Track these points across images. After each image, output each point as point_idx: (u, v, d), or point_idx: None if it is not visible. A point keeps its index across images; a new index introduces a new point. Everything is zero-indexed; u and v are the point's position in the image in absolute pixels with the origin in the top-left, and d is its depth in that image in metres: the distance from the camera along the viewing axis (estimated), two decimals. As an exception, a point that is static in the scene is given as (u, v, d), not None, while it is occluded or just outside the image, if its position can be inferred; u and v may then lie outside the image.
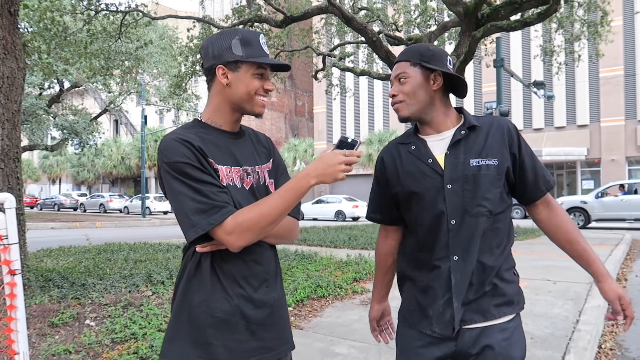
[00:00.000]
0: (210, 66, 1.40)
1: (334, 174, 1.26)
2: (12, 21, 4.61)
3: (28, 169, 49.08)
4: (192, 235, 1.26)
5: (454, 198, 1.47)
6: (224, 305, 1.32)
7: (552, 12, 10.88)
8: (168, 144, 1.31)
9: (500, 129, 1.51)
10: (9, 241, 1.89)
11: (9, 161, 4.49)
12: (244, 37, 1.39)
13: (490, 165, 1.47)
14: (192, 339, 1.32)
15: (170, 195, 1.31)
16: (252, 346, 1.35)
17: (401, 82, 1.53)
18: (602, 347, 3.95)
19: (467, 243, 1.46)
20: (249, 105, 1.41)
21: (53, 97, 22.11)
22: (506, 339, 1.46)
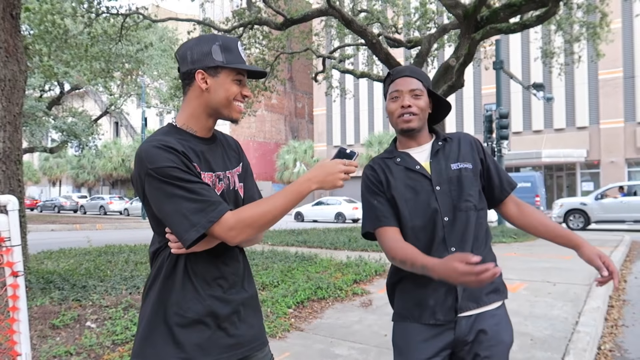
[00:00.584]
0: (188, 70, 1.41)
1: (334, 182, 1.33)
2: (14, 24, 4.63)
3: (28, 171, 49.10)
4: (194, 235, 1.27)
5: (444, 197, 1.64)
6: (197, 305, 1.36)
7: (551, 14, 10.92)
8: (150, 151, 1.31)
9: (467, 141, 1.75)
10: (11, 243, 1.91)
11: (10, 163, 4.51)
12: (224, 43, 1.40)
13: (467, 168, 1.68)
14: (167, 338, 1.35)
15: (161, 200, 1.30)
16: (225, 343, 1.39)
17: (417, 97, 1.68)
18: (602, 348, 3.96)
19: (462, 236, 1.62)
20: (226, 110, 1.43)
21: (53, 100, 22.13)
22: (497, 324, 1.62)
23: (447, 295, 1.59)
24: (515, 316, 4.51)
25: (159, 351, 1.34)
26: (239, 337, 1.42)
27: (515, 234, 11.80)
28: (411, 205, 1.65)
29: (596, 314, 4.54)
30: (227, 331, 1.40)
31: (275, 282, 5.61)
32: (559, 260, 8.04)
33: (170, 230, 1.33)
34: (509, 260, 8.09)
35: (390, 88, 1.74)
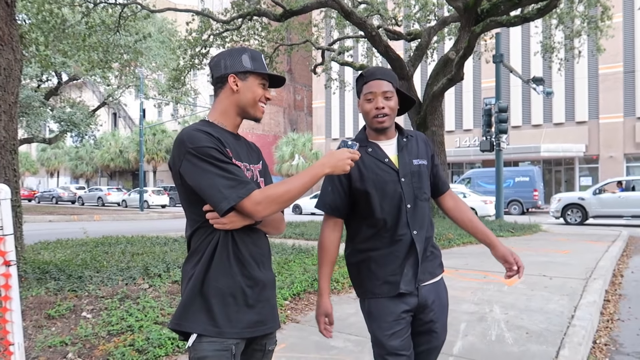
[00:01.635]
0: (221, 75, 1.67)
1: (343, 166, 1.60)
2: (9, 12, 4.58)
3: (26, 162, 49.00)
4: (225, 205, 1.47)
5: (407, 188, 1.92)
6: (229, 281, 1.56)
7: (552, 7, 10.86)
8: (190, 133, 1.54)
9: (423, 140, 2.05)
10: (4, 232, 1.89)
11: (5, 153, 4.48)
12: (252, 53, 1.69)
13: (424, 165, 1.98)
14: (202, 308, 1.54)
15: (199, 175, 1.50)
16: (250, 319, 1.59)
17: (388, 98, 1.91)
18: (597, 342, 3.97)
19: (421, 220, 1.93)
20: (252, 110, 1.69)
21: (51, 90, 22.03)
22: (443, 290, 2.02)
23: (408, 269, 1.90)
24: (512, 309, 4.52)
25: (195, 318, 1.54)
26: (263, 315, 1.62)
27: (512, 229, 11.81)
28: (380, 193, 1.90)
29: (592, 308, 4.54)
30: (254, 308, 1.60)
31: (272, 274, 5.60)
32: (556, 254, 8.05)
33: (207, 202, 1.52)
34: (506, 254, 8.10)
35: (364, 89, 1.94)
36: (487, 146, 14.94)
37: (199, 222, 1.58)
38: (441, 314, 1.97)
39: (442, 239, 9.26)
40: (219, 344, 1.53)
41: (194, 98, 21.88)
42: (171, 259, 6.22)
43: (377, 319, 1.92)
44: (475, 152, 29.16)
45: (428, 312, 1.94)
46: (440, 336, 1.98)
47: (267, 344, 1.70)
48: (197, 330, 1.53)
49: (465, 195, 19.47)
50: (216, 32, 15.23)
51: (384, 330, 1.89)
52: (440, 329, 1.97)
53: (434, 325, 1.95)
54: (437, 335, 1.97)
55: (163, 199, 31.94)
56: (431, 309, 1.94)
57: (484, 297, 5.02)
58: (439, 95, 12.45)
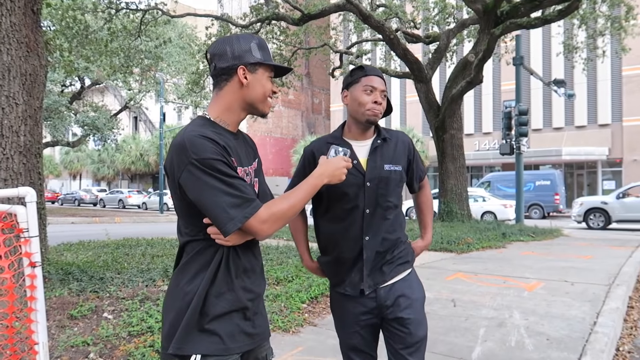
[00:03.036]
0: (229, 66, 1.47)
1: (340, 176, 1.57)
2: (35, 19, 4.71)
3: (50, 164, 50.04)
4: (232, 228, 1.36)
5: (371, 193, 1.92)
6: (231, 296, 1.45)
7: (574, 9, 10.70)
8: (194, 140, 1.37)
9: (404, 143, 2.04)
10: (29, 234, 1.94)
11: (30, 156, 4.59)
12: (260, 42, 1.52)
13: (397, 171, 1.97)
14: (207, 327, 1.42)
15: (202, 190, 1.36)
16: (249, 332, 1.51)
17: (384, 98, 1.97)
18: (620, 349, 3.88)
19: (377, 227, 1.93)
20: (261, 105, 1.53)
21: (74, 94, 22.50)
22: (409, 287, 1.97)
23: (355, 274, 1.94)
24: (532, 315, 4.45)
25: (200, 339, 1.42)
26: (258, 327, 1.54)
27: (533, 233, 11.63)
28: (340, 194, 1.91)
29: (615, 314, 4.45)
30: (251, 321, 1.52)
31: (290, 277, 5.62)
32: (578, 259, 7.91)
33: (211, 221, 1.39)
34: (526, 259, 7.99)
35: (363, 80, 1.95)
36: (507, 149, 14.76)
37: (197, 234, 1.46)
38: (412, 310, 1.92)
39: (461, 242, 9.17)
40: (224, 358, 1.44)
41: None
42: (190, 261, 6.28)
43: (337, 315, 2.03)
44: (494, 156, 28.81)
45: (394, 310, 1.91)
46: (415, 332, 1.91)
47: (268, 355, 1.62)
48: (200, 351, 1.41)
49: (485, 199, 19.25)
50: (235, 37, 15.37)
51: (344, 329, 2.00)
52: (414, 325, 1.91)
53: (403, 322, 1.90)
54: (409, 331, 1.90)
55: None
56: (396, 306, 1.91)
57: (504, 303, 4.96)
58: (457, 98, 12.36)
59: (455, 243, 9.06)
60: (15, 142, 4.40)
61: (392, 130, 2.09)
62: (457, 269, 6.86)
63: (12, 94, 4.36)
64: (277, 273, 5.75)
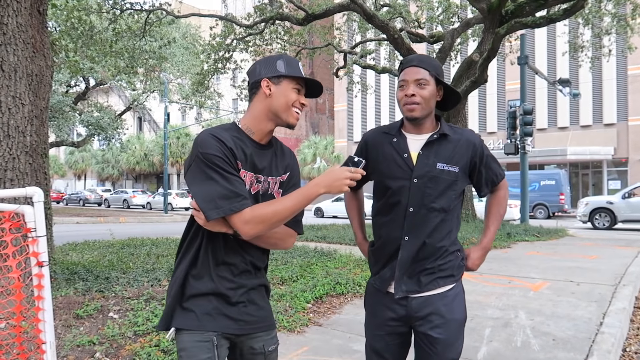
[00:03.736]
0: (256, 80, 1.65)
1: (340, 187, 1.53)
2: (41, 20, 4.73)
3: (55, 164, 50.24)
4: (214, 215, 1.49)
5: (416, 191, 1.78)
6: (209, 283, 1.60)
7: (579, 8, 10.65)
8: (205, 138, 1.55)
9: (468, 142, 1.85)
10: (37, 234, 1.95)
11: (37, 157, 4.61)
12: (287, 59, 1.67)
13: (451, 171, 1.80)
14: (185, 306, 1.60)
15: (199, 179, 1.52)
16: (232, 316, 1.62)
17: (421, 86, 1.78)
18: (627, 350, 3.86)
19: (419, 229, 1.79)
20: (285, 114, 1.64)
21: (79, 95, 22.59)
22: (446, 305, 1.79)
23: (387, 271, 1.84)
24: (537, 315, 4.44)
25: (178, 315, 1.60)
26: (245, 314, 1.64)
27: (538, 233, 11.59)
28: (386, 187, 1.83)
29: (622, 315, 4.43)
30: (236, 307, 1.62)
31: (295, 277, 5.63)
32: (584, 259, 7.88)
33: (198, 205, 1.52)
34: (531, 259, 7.96)
35: (399, 77, 1.85)
36: (511, 149, 14.71)
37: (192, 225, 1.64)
38: (445, 331, 1.77)
39: (466, 242, 9.14)
40: (199, 334, 1.57)
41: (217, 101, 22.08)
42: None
43: (367, 312, 1.95)
44: (499, 155, 28.57)
45: (424, 324, 1.79)
46: (442, 354, 1.77)
47: (266, 345, 1.70)
48: (175, 324, 1.59)
49: (489, 198, 19.18)
50: (239, 37, 15.40)
51: (370, 329, 1.92)
52: (442, 346, 1.76)
53: (432, 340, 1.77)
54: (436, 351, 1.77)
55: (187, 202, 32.28)
56: (428, 322, 1.78)
57: (509, 303, 4.94)
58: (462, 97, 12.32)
59: (460, 243, 9.02)
60: (22, 142, 4.42)
61: (458, 128, 1.90)
62: (462, 269, 6.84)
63: (19, 94, 4.38)
64: (281, 273, 5.75)
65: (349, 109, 39.43)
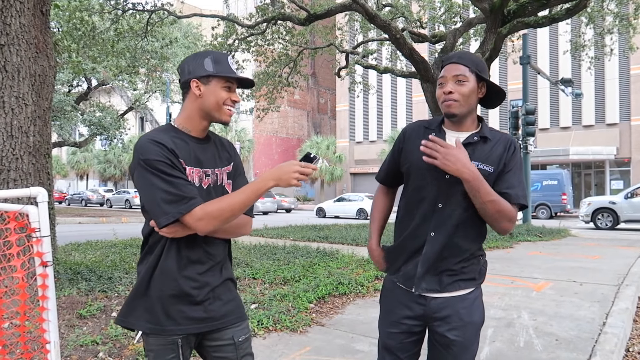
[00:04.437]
0: (185, 80, 1.65)
1: (288, 180, 1.53)
2: (44, 21, 4.74)
3: (57, 165, 50.31)
4: (164, 221, 1.51)
5: (448, 187, 1.75)
6: (173, 283, 1.60)
7: (582, 7, 10.63)
8: (144, 144, 1.56)
9: (504, 144, 1.80)
10: (41, 234, 1.95)
11: (40, 157, 4.62)
12: (215, 56, 1.66)
13: (486, 171, 1.74)
14: (144, 306, 1.62)
15: (144, 187, 1.54)
16: (196, 316, 1.63)
17: (460, 83, 1.76)
18: (630, 350, 3.86)
19: (446, 226, 1.76)
20: (217, 113, 1.65)
21: (81, 95, 22.61)
22: (465, 308, 1.78)
23: (411, 267, 1.81)
24: (540, 316, 4.43)
25: (138, 315, 1.62)
26: (211, 311, 1.65)
27: (540, 233, 11.57)
28: (419, 180, 1.80)
29: (624, 315, 4.42)
30: (201, 306, 1.64)
31: (297, 277, 5.63)
32: (586, 260, 7.86)
33: (149, 213, 1.56)
34: (533, 259, 7.95)
35: (439, 74, 1.83)
36: (513, 149, 14.67)
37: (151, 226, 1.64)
38: (462, 333, 1.76)
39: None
40: (163, 338, 1.60)
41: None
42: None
43: (383, 309, 1.93)
44: (501, 155, 28.64)
45: (441, 325, 1.78)
46: (458, 355, 1.77)
47: (235, 336, 1.71)
48: (140, 328, 1.61)
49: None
50: (241, 37, 15.40)
51: (384, 326, 1.90)
52: (459, 348, 1.76)
53: (449, 342, 1.76)
54: (452, 353, 1.77)
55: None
56: (446, 323, 1.77)
57: (512, 303, 4.94)
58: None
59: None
60: (25, 142, 4.43)
61: (496, 131, 1.86)
62: (465, 269, 6.84)
63: (22, 94, 4.39)
64: (284, 273, 5.76)
65: (351, 109, 39.42)
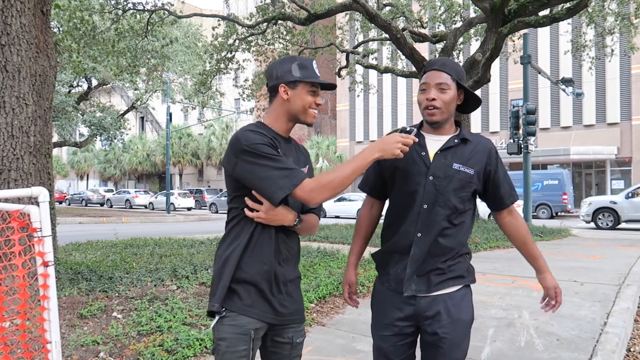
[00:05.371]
0: (273, 85, 1.77)
1: (392, 150, 1.64)
2: (45, 20, 4.74)
3: (57, 164, 50.34)
4: (281, 194, 1.60)
5: (431, 188, 1.82)
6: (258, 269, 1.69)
7: (582, 7, 10.62)
8: (245, 134, 1.67)
9: (485, 149, 1.89)
10: (42, 234, 1.95)
11: (40, 157, 4.62)
12: (301, 62, 1.77)
13: (467, 173, 1.83)
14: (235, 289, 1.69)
15: (252, 170, 1.63)
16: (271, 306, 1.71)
17: (442, 91, 1.82)
18: (631, 350, 3.85)
19: (431, 226, 1.82)
20: (303, 116, 1.77)
21: (81, 95, 22.63)
22: (454, 305, 1.83)
23: (401, 270, 1.85)
24: (541, 315, 4.43)
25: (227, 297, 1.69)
26: (283, 306, 1.74)
27: (541, 233, 11.56)
28: (402, 184, 1.87)
29: (626, 315, 4.42)
30: (276, 297, 1.72)
31: (298, 277, 5.62)
32: (587, 259, 7.86)
33: (261, 194, 1.64)
34: (534, 258, 7.94)
35: (421, 79, 1.89)
36: (514, 149, 14.69)
37: (239, 212, 1.73)
38: (452, 330, 1.80)
39: (469, 242, 9.12)
40: (238, 327, 1.66)
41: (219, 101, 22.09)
42: (198, 261, 6.31)
43: (374, 313, 1.97)
44: (502, 155, 28.56)
45: (431, 324, 1.81)
46: (449, 353, 1.81)
47: (294, 337, 1.79)
48: (226, 306, 1.68)
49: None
50: (241, 37, 15.40)
51: (377, 329, 1.95)
52: (449, 345, 1.80)
53: (439, 339, 1.80)
54: (443, 351, 1.80)
55: (189, 202, 32.38)
56: (436, 321, 1.80)
57: (513, 303, 4.93)
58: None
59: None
60: (26, 142, 4.43)
61: (476, 135, 1.95)
62: (465, 269, 6.83)
63: (22, 94, 4.39)
64: (284, 273, 5.75)
65: (351, 108, 39.40)
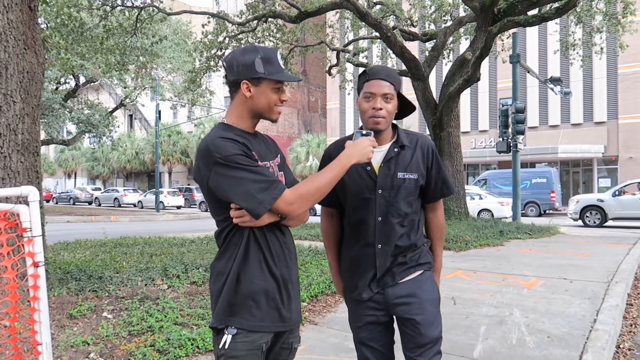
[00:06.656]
0: (234, 80, 1.63)
1: (367, 154, 1.66)
2: (32, 16, 4.66)
3: (44, 163, 49.70)
4: (262, 210, 1.51)
5: (382, 200, 1.90)
6: (261, 279, 1.60)
7: (571, 7, 10.71)
8: (215, 143, 1.54)
9: (423, 148, 1.96)
10: (32, 234, 1.92)
11: (29, 155, 4.55)
12: (265, 55, 1.62)
13: (411, 179, 1.92)
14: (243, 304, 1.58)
15: (230, 183, 1.51)
16: (279, 314, 1.63)
17: (387, 100, 1.87)
18: (620, 347, 3.90)
19: (388, 235, 1.91)
20: (268, 114, 1.67)
21: (69, 92, 22.36)
22: (419, 287, 1.94)
23: (369, 280, 1.93)
24: (532, 313, 4.46)
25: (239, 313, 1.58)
26: (290, 312, 1.67)
27: (530, 231, 11.66)
28: (354, 200, 1.92)
29: (615, 312, 4.46)
30: (282, 304, 1.64)
31: (289, 276, 5.60)
32: (576, 257, 7.93)
33: (242, 208, 1.53)
34: (524, 256, 8.01)
35: (364, 87, 1.90)
36: (503, 147, 14.79)
37: (227, 222, 1.61)
38: (423, 311, 1.90)
39: (459, 240, 9.18)
40: (250, 343, 1.58)
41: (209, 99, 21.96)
42: (189, 260, 6.26)
43: (349, 310, 2.07)
44: (491, 153, 28.87)
45: (403, 310, 1.91)
46: (426, 333, 1.89)
47: (294, 342, 1.74)
48: (237, 324, 1.57)
49: (482, 197, 19.29)
50: (231, 34, 15.32)
51: (354, 322, 2.03)
52: (424, 326, 1.89)
53: (414, 322, 1.89)
54: (419, 332, 1.89)
55: (178, 200, 32.21)
56: (405, 305, 1.90)
57: (503, 300, 4.96)
58: (455, 96, 12.36)
59: (454, 241, 9.07)
60: (13, 140, 4.36)
61: (413, 135, 2.01)
62: (456, 267, 6.87)
63: (10, 91, 4.32)
64: (276, 271, 5.72)
65: (342, 107, 39.43)
